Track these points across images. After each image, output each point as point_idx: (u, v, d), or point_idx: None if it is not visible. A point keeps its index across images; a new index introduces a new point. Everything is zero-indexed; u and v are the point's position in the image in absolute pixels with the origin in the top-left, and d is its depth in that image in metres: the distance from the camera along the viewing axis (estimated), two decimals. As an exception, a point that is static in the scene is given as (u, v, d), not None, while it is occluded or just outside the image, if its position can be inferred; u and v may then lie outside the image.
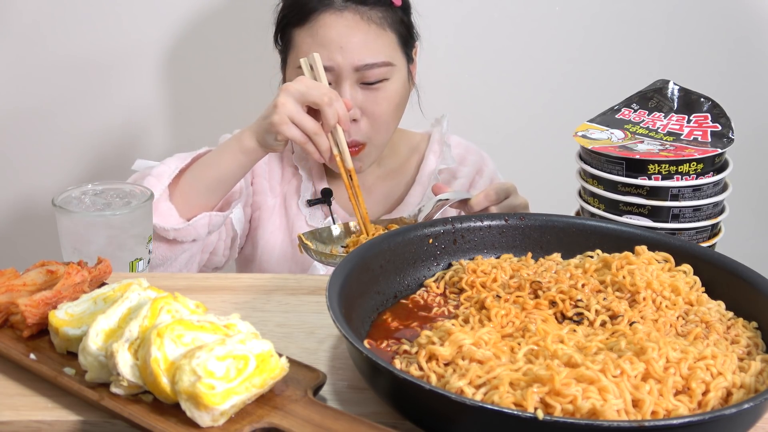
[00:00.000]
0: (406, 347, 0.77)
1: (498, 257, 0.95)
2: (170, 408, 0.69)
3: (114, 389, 0.71)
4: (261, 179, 1.49)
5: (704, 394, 0.69)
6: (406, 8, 1.41)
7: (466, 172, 1.51)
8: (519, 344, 0.75)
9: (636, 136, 1.07)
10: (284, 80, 1.41)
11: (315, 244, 1.16)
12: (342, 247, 1.20)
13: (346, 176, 1.24)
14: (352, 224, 1.22)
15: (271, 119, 1.20)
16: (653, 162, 1.00)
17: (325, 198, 1.45)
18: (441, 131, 1.53)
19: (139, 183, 1.23)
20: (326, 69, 1.30)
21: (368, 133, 1.36)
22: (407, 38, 1.40)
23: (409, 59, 1.42)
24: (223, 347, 0.68)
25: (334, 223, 1.37)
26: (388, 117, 1.38)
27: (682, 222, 1.02)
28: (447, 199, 1.19)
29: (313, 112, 1.21)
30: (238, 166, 1.27)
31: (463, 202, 1.20)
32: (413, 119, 1.51)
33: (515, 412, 0.62)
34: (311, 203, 1.46)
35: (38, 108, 1.81)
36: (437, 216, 1.21)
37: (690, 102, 1.11)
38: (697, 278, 0.88)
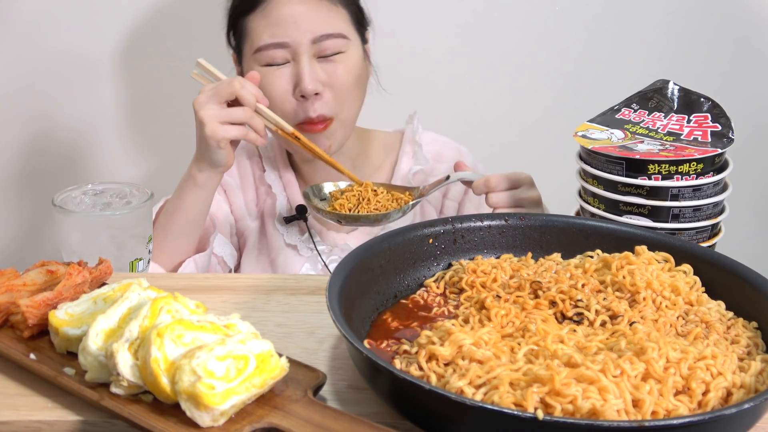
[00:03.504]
0: (406, 347, 0.77)
1: (498, 257, 0.95)
2: (170, 408, 0.69)
3: (114, 389, 0.71)
4: (238, 205, 1.50)
5: (704, 394, 0.69)
6: None
7: (445, 169, 1.49)
8: (519, 344, 0.75)
9: (636, 136, 1.07)
10: (242, 74, 1.41)
11: (314, 199, 1.24)
12: (321, 200, 1.26)
13: (293, 139, 1.27)
14: (342, 185, 1.27)
15: (203, 135, 1.21)
16: (653, 162, 1.00)
17: (300, 215, 1.45)
18: (413, 130, 1.53)
19: None
20: (281, 45, 1.32)
21: (333, 106, 1.36)
22: (360, 18, 1.41)
23: (363, 40, 1.42)
24: (223, 347, 0.68)
25: (312, 240, 1.39)
26: (350, 87, 1.37)
27: (682, 222, 1.02)
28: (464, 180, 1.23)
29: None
30: (201, 202, 1.28)
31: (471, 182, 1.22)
32: (389, 120, 1.49)
33: (515, 412, 0.62)
34: (288, 220, 1.46)
35: (38, 108, 1.81)
36: (439, 189, 1.25)
37: (690, 102, 1.11)
38: (697, 278, 0.88)
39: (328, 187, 1.28)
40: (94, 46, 1.77)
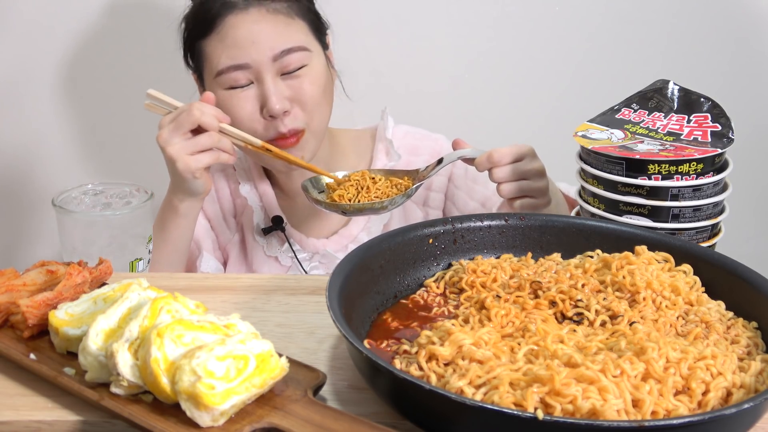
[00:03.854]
0: (406, 347, 0.77)
1: (498, 257, 0.95)
2: (170, 408, 0.69)
3: (114, 389, 0.71)
4: (218, 221, 1.49)
5: (704, 394, 0.69)
6: None
7: (423, 161, 1.47)
8: (519, 344, 0.75)
9: (636, 136, 1.07)
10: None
11: (313, 191, 1.23)
12: (320, 192, 1.24)
13: (264, 151, 1.26)
14: (341, 174, 1.25)
15: (176, 170, 1.20)
16: (653, 162, 1.00)
17: (277, 225, 1.44)
18: (384, 127, 1.50)
19: None
20: (242, 67, 1.29)
21: (302, 118, 1.33)
22: (318, 25, 1.38)
23: (324, 46, 1.40)
24: (223, 347, 0.68)
25: (291, 249, 1.38)
26: (318, 100, 1.35)
27: (682, 222, 1.02)
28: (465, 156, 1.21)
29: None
30: (185, 230, 1.29)
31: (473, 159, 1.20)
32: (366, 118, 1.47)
33: (515, 412, 0.62)
34: (266, 231, 1.45)
35: (38, 107, 1.81)
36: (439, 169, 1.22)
37: (690, 102, 1.11)
38: (697, 278, 0.88)
39: (327, 179, 1.26)
40: (94, 45, 1.77)
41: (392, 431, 0.65)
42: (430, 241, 0.94)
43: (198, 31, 1.34)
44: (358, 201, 1.20)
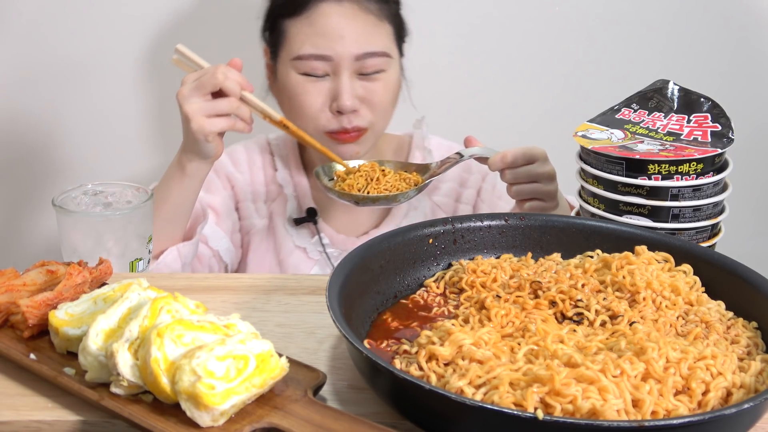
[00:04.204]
0: (406, 347, 0.77)
1: (498, 257, 0.95)
2: (170, 408, 0.69)
3: (114, 389, 0.71)
4: (246, 203, 1.48)
5: (704, 394, 0.69)
6: (398, 2, 1.40)
7: (452, 176, 1.49)
8: (519, 344, 0.75)
9: (636, 136, 1.07)
10: (274, 75, 1.40)
11: (323, 178, 1.22)
12: (330, 180, 1.23)
13: (281, 127, 1.24)
14: (352, 164, 1.24)
15: (190, 130, 1.18)
16: (653, 162, 1.00)
17: (310, 217, 1.44)
18: (421, 136, 1.52)
19: None
20: (324, 59, 1.29)
21: (369, 118, 1.35)
22: (401, 31, 1.40)
23: (401, 53, 1.41)
24: (223, 347, 0.68)
25: (321, 243, 1.38)
26: (387, 105, 1.37)
27: (682, 222, 1.02)
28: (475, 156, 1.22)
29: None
30: (190, 191, 1.26)
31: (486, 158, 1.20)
32: (398, 118, 1.49)
33: (515, 412, 0.62)
34: (297, 222, 1.45)
35: (38, 107, 1.81)
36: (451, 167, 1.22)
37: (690, 102, 1.11)
38: (697, 278, 0.88)
39: (337, 167, 1.25)
40: (94, 46, 1.77)
41: (392, 431, 0.65)
42: (430, 241, 0.94)
43: (285, 9, 1.34)
44: (367, 192, 1.20)
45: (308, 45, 1.30)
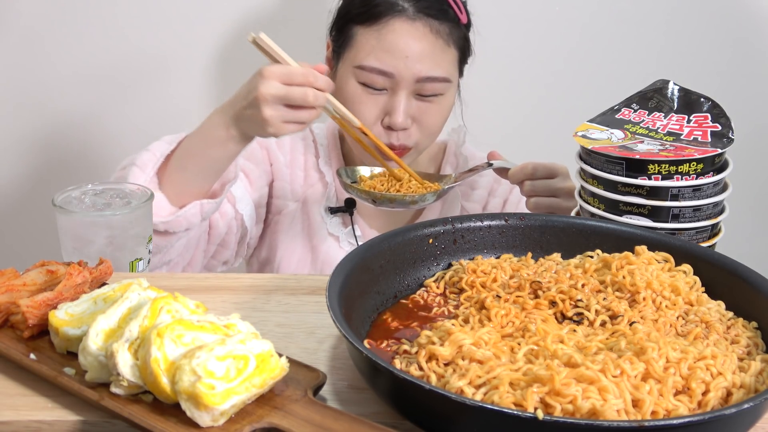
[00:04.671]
0: (406, 347, 0.77)
1: (498, 257, 0.95)
2: (170, 408, 0.69)
3: (114, 389, 0.71)
4: (282, 183, 1.48)
5: (704, 394, 0.69)
6: (468, 25, 1.40)
7: (484, 183, 1.51)
8: (519, 344, 0.75)
9: (636, 136, 1.07)
10: (334, 73, 1.39)
11: (346, 179, 1.25)
12: (352, 182, 1.26)
13: (360, 134, 1.25)
14: (376, 170, 1.28)
15: (266, 131, 1.14)
16: (653, 162, 1.00)
17: (347, 207, 1.45)
18: (457, 143, 1.53)
19: (124, 176, 1.21)
20: (385, 74, 1.30)
21: (417, 139, 1.36)
22: (465, 54, 1.40)
23: (461, 74, 1.42)
24: (223, 347, 0.68)
25: (353, 234, 1.39)
26: (437, 129, 1.38)
27: (682, 222, 1.02)
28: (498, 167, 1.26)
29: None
30: (231, 154, 1.22)
31: (506, 170, 1.24)
32: None
33: (515, 412, 0.62)
34: (333, 211, 1.46)
35: (38, 108, 1.81)
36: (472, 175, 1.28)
37: (690, 102, 1.11)
38: (697, 278, 0.88)
39: (362, 171, 1.28)
40: (93, 46, 1.77)
41: (392, 431, 0.65)
42: (430, 241, 0.94)
43: (357, 15, 1.33)
44: (387, 191, 1.22)
45: (373, 57, 1.31)
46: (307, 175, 1.50)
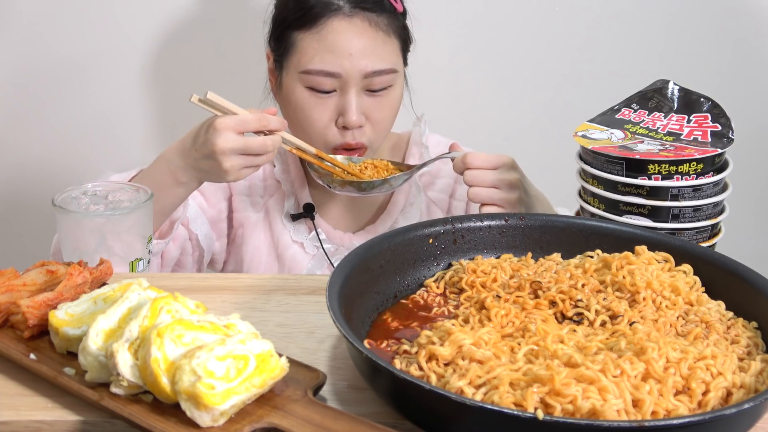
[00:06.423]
0: (406, 347, 0.77)
1: (498, 257, 0.95)
2: (170, 408, 0.69)
3: (114, 389, 0.71)
4: (240, 196, 1.48)
5: (704, 394, 0.69)
6: (405, 13, 1.41)
7: (448, 171, 1.50)
8: (519, 344, 0.75)
9: (636, 136, 1.07)
10: (279, 83, 1.40)
11: (317, 166, 1.27)
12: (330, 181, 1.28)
13: (317, 161, 1.27)
14: (343, 159, 1.32)
15: (225, 178, 1.18)
16: (653, 162, 1.00)
17: (307, 213, 1.45)
18: (420, 132, 1.52)
19: None
20: (332, 75, 1.29)
21: (371, 136, 1.36)
22: (406, 43, 1.40)
23: (406, 63, 1.42)
24: (223, 347, 0.69)
25: (318, 238, 1.40)
26: (389, 122, 1.38)
27: (682, 222, 1.02)
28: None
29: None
30: (179, 199, 1.25)
31: None
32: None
33: (515, 412, 0.62)
34: (294, 218, 1.46)
35: (38, 108, 1.81)
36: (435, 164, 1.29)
37: (690, 102, 1.11)
38: (697, 278, 0.88)
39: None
40: (93, 46, 1.77)
41: (392, 431, 0.65)
42: (430, 241, 0.94)
43: (295, 21, 1.33)
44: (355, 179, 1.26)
45: (317, 60, 1.30)
46: (267, 184, 1.50)
